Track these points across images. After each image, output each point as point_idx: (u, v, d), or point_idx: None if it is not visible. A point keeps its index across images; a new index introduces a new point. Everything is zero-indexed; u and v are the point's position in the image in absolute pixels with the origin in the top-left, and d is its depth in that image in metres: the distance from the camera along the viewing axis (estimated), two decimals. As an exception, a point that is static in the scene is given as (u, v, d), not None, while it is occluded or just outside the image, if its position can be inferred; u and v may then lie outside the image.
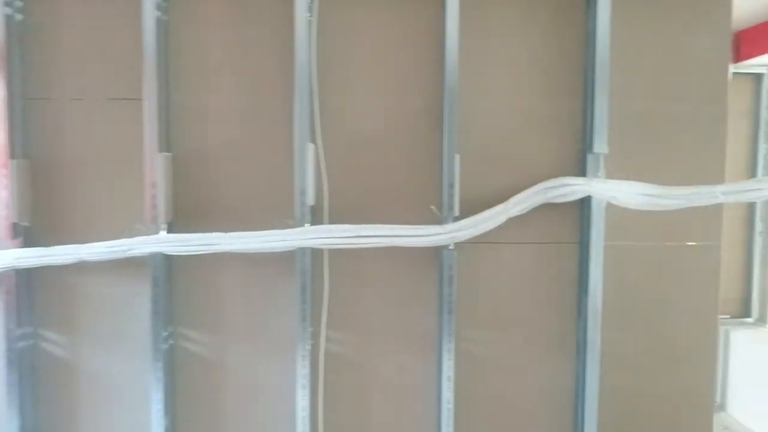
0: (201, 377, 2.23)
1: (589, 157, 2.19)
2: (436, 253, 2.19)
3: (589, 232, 2.19)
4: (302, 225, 2.11)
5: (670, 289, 2.32)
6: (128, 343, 2.19)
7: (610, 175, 2.18)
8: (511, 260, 2.26)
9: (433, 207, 2.17)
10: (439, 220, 2.15)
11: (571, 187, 2.18)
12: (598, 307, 2.20)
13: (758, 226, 3.54)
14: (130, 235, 2.08)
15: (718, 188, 2.00)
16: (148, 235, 2.08)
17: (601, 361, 2.22)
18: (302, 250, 2.13)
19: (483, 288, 2.26)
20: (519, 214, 2.19)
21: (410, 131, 2.21)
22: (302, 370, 2.16)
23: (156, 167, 2.06)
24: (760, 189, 2.03)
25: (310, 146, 2.13)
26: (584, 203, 2.22)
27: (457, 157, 2.13)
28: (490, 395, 2.28)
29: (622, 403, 2.30)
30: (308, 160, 2.12)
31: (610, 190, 2.08)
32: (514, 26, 2.20)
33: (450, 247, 2.16)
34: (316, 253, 2.18)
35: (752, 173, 3.55)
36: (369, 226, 2.09)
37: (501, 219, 2.17)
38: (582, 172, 2.22)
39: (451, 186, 2.13)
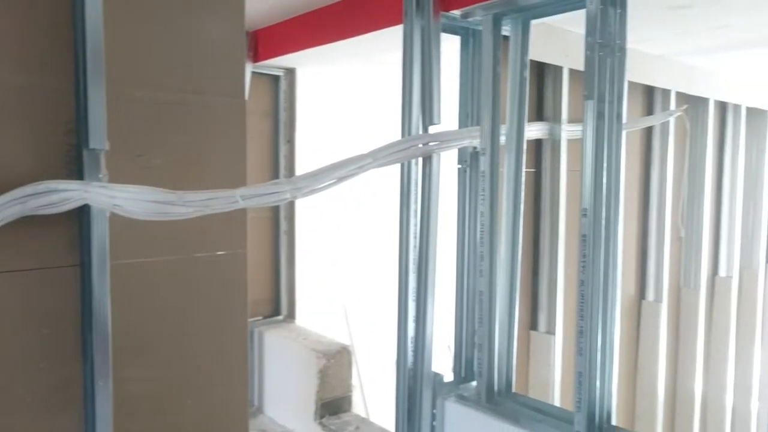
0: None
1: (86, 155, 1.70)
2: None
3: (90, 250, 1.70)
4: None
5: (198, 303, 2.06)
6: None
7: (118, 178, 1.75)
8: (-25, 299, 1.59)
9: None
10: None
11: (63, 194, 1.65)
12: (107, 343, 1.74)
13: (283, 225, 3.67)
14: None
15: (238, 192, 1.80)
16: None
17: (121, 404, 1.78)
18: None
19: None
20: (-16, 233, 1.55)
21: None
22: None
23: None
24: (278, 192, 1.92)
25: None
26: (83, 214, 1.72)
27: None
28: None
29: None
30: None
31: (112, 197, 1.64)
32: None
33: None
34: None
35: (275, 174, 3.65)
36: None
37: (-46, 242, 1.49)
38: (79, 173, 1.71)
39: None
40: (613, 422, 2.12)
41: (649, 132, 3.99)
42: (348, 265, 4.68)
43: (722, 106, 4.62)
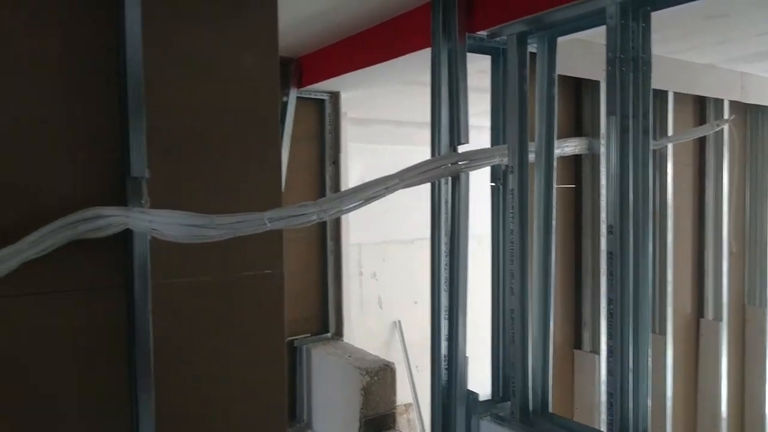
0: None
1: (128, 183, 1.84)
2: None
3: (132, 271, 1.83)
4: None
5: (236, 322, 2.15)
6: None
7: (159, 203, 1.88)
8: (29, 318, 1.74)
9: None
10: None
11: (108, 219, 1.79)
12: (148, 359, 1.85)
13: (329, 245, 3.77)
14: None
15: (266, 215, 1.89)
16: None
17: (162, 422, 1.88)
18: None
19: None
20: (38, 255, 1.70)
21: None
22: None
23: None
24: (305, 214, 2.00)
25: None
26: (127, 238, 1.86)
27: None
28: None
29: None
30: None
31: (150, 222, 1.77)
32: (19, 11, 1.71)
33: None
34: None
35: (322, 195, 3.75)
36: None
37: (12, 264, 1.65)
38: (124, 200, 1.85)
39: None
40: (654, 444, 2.06)
41: (702, 143, 3.85)
42: (402, 283, 4.73)
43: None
